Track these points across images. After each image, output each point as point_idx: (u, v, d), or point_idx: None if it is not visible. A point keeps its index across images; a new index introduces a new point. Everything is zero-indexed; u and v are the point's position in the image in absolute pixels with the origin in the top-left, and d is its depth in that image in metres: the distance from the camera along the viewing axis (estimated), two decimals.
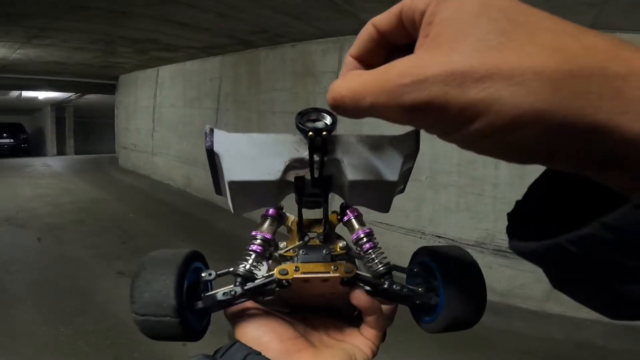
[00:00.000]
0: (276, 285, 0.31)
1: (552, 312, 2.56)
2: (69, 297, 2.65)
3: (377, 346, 0.34)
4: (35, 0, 2.99)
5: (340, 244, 0.33)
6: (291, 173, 0.28)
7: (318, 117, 0.27)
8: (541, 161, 0.15)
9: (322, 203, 0.32)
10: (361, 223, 0.34)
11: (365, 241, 0.33)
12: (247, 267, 0.32)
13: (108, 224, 4.36)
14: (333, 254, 0.32)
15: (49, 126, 13.11)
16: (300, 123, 0.26)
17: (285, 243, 0.34)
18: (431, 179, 3.07)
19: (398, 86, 0.15)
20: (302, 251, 0.32)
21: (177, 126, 6.26)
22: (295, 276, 0.30)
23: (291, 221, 0.35)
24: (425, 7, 0.16)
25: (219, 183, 0.30)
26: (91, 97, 11.06)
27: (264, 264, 0.34)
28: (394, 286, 0.33)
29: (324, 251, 0.32)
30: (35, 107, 13.95)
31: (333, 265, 0.31)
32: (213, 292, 0.32)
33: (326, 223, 0.34)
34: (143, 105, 7.43)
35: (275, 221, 0.34)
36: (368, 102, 0.16)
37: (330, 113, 0.27)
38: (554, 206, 0.18)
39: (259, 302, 0.33)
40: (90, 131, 14.62)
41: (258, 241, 0.33)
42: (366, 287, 0.32)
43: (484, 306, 0.32)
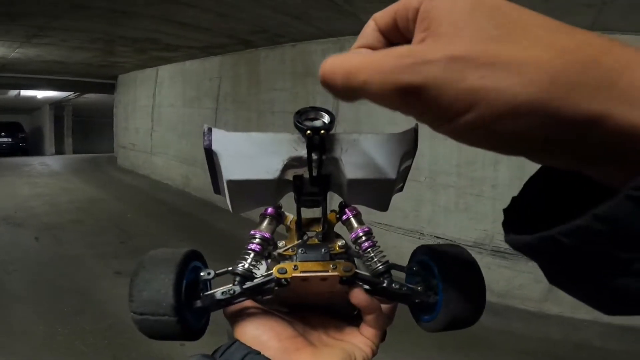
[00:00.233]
0: (275, 284, 0.31)
1: (550, 313, 2.57)
2: (67, 297, 2.64)
3: (377, 345, 0.33)
4: None
5: (339, 243, 0.33)
6: (290, 172, 0.28)
7: (316, 116, 0.27)
8: (534, 154, 0.15)
9: (321, 202, 0.32)
10: (360, 222, 0.34)
11: (364, 240, 0.33)
12: (246, 266, 0.32)
13: (106, 224, 4.35)
14: (332, 253, 0.32)
15: (48, 125, 13.08)
16: (298, 122, 0.26)
17: (284, 242, 0.34)
18: (430, 180, 3.07)
19: (396, 66, 0.15)
20: (301, 250, 0.32)
21: (177, 126, 6.25)
22: (294, 275, 0.30)
23: (290, 220, 0.35)
24: (418, 5, 0.16)
25: (218, 182, 0.30)
26: (90, 97, 11.05)
27: (263, 263, 0.34)
28: (393, 285, 0.32)
29: (323, 250, 0.31)
30: (33, 106, 13.92)
31: (332, 264, 0.31)
32: (212, 291, 0.32)
33: (325, 222, 0.33)
34: (142, 104, 7.42)
35: (274, 220, 0.34)
36: (361, 80, 0.15)
37: (328, 112, 0.27)
38: (549, 202, 0.18)
39: (258, 302, 0.33)
40: (88, 130, 14.58)
41: (257, 240, 0.33)
42: (365, 286, 0.32)
43: (484, 305, 0.32)
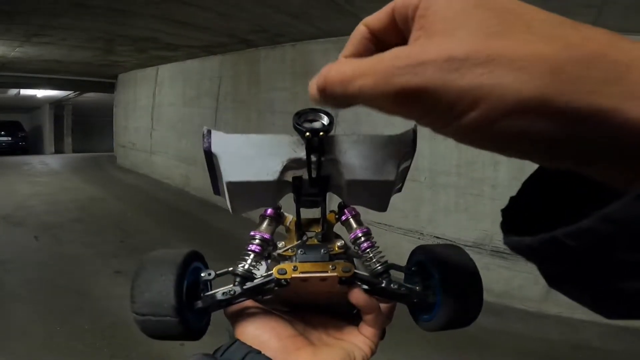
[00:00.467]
0: (275, 284, 0.31)
1: (549, 313, 2.57)
2: (66, 296, 2.64)
3: (376, 344, 0.34)
4: None
5: (338, 243, 0.33)
6: (289, 173, 0.29)
7: (315, 118, 0.27)
8: (538, 154, 0.14)
9: (320, 202, 0.32)
10: (359, 222, 0.34)
11: (363, 240, 0.33)
12: (246, 267, 0.32)
13: (106, 223, 4.35)
14: (331, 253, 0.32)
15: (47, 124, 13.07)
16: (297, 123, 0.26)
17: (283, 243, 0.34)
18: (430, 180, 3.07)
19: (391, 69, 0.14)
20: (301, 251, 0.32)
21: (176, 125, 6.25)
22: (293, 276, 0.30)
23: (289, 221, 0.35)
24: (418, 2, 0.15)
25: (217, 184, 0.30)
26: (90, 96, 11.03)
27: (263, 264, 0.34)
28: (392, 285, 0.33)
29: (322, 250, 0.32)
30: (33, 105, 13.91)
31: (331, 264, 0.31)
32: (212, 292, 0.32)
33: (324, 222, 0.34)
34: (142, 104, 7.41)
35: (273, 221, 0.34)
36: (357, 86, 0.15)
37: (327, 113, 0.27)
38: (547, 203, 0.17)
39: (258, 301, 0.34)
40: (88, 129, 14.56)
41: (257, 241, 0.33)
42: (364, 286, 0.32)
43: (481, 304, 0.33)
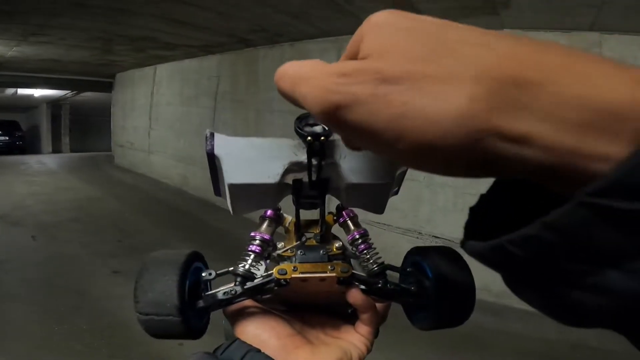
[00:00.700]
0: (275, 284, 0.32)
1: None
2: (64, 296, 2.64)
3: (372, 342, 0.35)
4: None
5: (336, 245, 0.34)
6: (289, 176, 0.29)
7: (316, 122, 0.28)
8: (479, 174, 0.14)
9: (319, 204, 0.33)
10: (356, 224, 0.35)
11: (360, 242, 0.35)
12: (247, 267, 0.33)
13: (103, 223, 4.34)
14: (330, 254, 0.33)
15: (45, 124, 13.04)
16: (298, 127, 0.27)
17: (283, 243, 0.35)
18: (429, 179, 3.08)
19: (327, 83, 0.15)
20: (300, 251, 0.33)
21: (175, 124, 6.24)
22: (293, 276, 0.31)
23: (289, 222, 0.36)
24: (359, 38, 0.16)
25: (219, 185, 0.31)
26: (87, 95, 11.01)
27: (262, 264, 0.35)
28: (388, 285, 0.34)
29: (321, 252, 0.33)
30: (31, 105, 13.86)
31: (330, 265, 0.32)
32: (214, 292, 0.33)
33: (323, 224, 0.34)
34: (140, 103, 7.40)
35: (273, 222, 0.35)
36: (302, 92, 0.16)
37: None
38: (519, 204, 0.16)
39: (257, 300, 0.34)
40: (86, 129, 14.52)
41: (257, 242, 0.34)
42: (361, 286, 0.33)
43: (473, 304, 0.34)
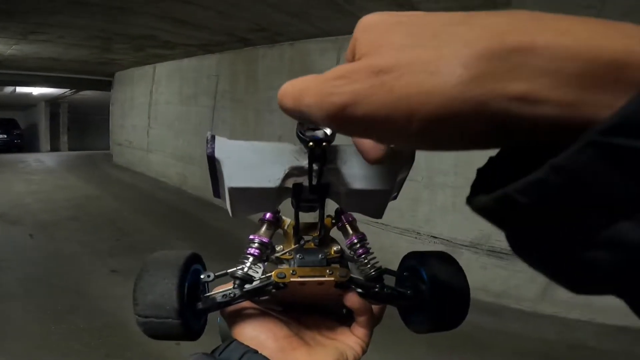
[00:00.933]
0: (273, 287, 0.32)
1: (545, 313, 2.59)
2: (61, 295, 2.63)
3: (367, 344, 0.35)
4: None
5: (334, 248, 0.35)
6: (290, 180, 0.29)
7: (317, 127, 0.28)
8: (492, 144, 0.15)
9: (319, 208, 0.33)
10: (355, 228, 0.36)
11: (358, 247, 0.35)
12: (245, 270, 0.33)
13: (101, 221, 4.33)
14: (328, 258, 0.33)
15: (43, 122, 13.01)
16: (300, 132, 0.27)
17: (281, 246, 0.36)
18: (427, 179, 3.08)
19: (327, 87, 0.15)
20: (299, 255, 0.33)
21: (173, 123, 6.23)
22: (292, 280, 0.31)
23: (287, 224, 0.36)
24: (354, 42, 0.17)
25: (218, 187, 0.31)
26: (86, 94, 10.98)
27: (261, 266, 0.35)
28: (385, 289, 0.34)
29: (320, 255, 0.33)
30: (29, 103, 13.82)
31: (328, 269, 0.32)
32: (213, 294, 0.33)
33: (322, 227, 0.35)
34: (139, 102, 7.39)
35: (272, 225, 0.35)
36: (305, 104, 0.16)
37: None
38: (524, 169, 0.16)
39: (254, 302, 0.35)
40: (84, 127, 14.50)
41: (256, 245, 0.34)
42: (358, 290, 0.33)
43: (468, 308, 0.35)
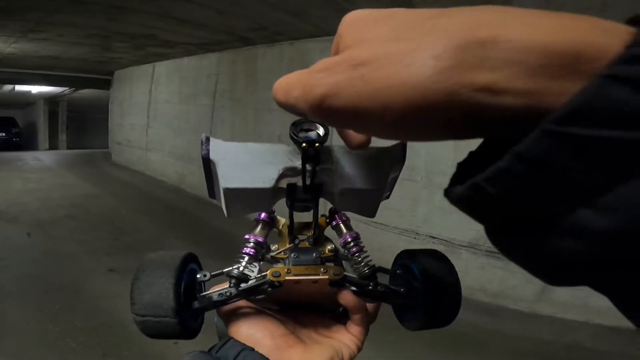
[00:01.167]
0: (268, 286, 0.32)
1: (543, 314, 2.59)
2: (59, 294, 2.63)
3: (362, 342, 0.36)
4: None
5: (328, 247, 0.35)
6: (284, 180, 0.30)
7: (310, 127, 0.28)
8: (467, 134, 0.15)
9: (313, 208, 0.33)
10: (349, 228, 0.36)
11: (352, 245, 0.35)
12: (241, 269, 0.34)
13: (99, 220, 4.32)
14: (322, 256, 0.34)
15: (42, 120, 12.98)
16: (293, 133, 0.28)
17: (276, 245, 0.36)
18: (426, 180, 3.08)
19: (311, 79, 0.16)
20: (294, 254, 0.33)
21: (172, 122, 6.22)
22: (287, 278, 0.32)
23: (282, 224, 0.36)
24: (338, 38, 0.17)
25: (214, 188, 0.32)
26: (85, 92, 10.96)
27: (256, 265, 0.35)
28: (379, 287, 0.35)
29: (314, 254, 0.33)
30: (28, 102, 13.79)
31: (323, 267, 0.32)
32: (209, 293, 0.34)
33: (316, 227, 0.35)
34: (138, 100, 7.38)
35: (267, 225, 0.36)
36: (293, 97, 0.17)
37: (323, 124, 0.28)
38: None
39: (250, 300, 0.35)
40: (83, 126, 14.46)
41: (251, 244, 0.35)
42: (353, 288, 0.34)
43: (459, 306, 0.35)
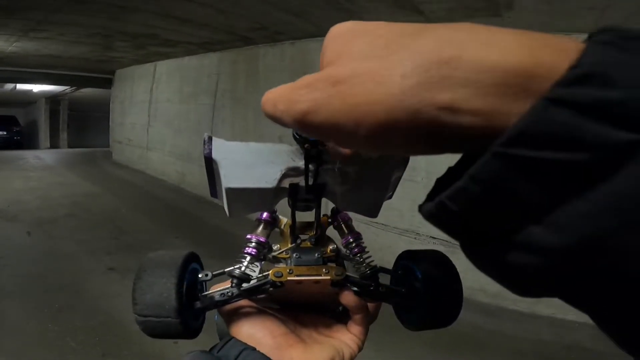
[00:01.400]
0: (270, 285, 0.32)
1: (542, 314, 2.59)
2: (58, 293, 2.63)
3: (363, 342, 0.35)
4: None
5: (330, 247, 0.35)
6: (286, 180, 0.30)
7: None
8: (438, 151, 0.15)
9: (315, 208, 0.33)
10: (350, 228, 0.36)
11: (354, 245, 0.35)
12: (243, 269, 0.34)
13: (100, 219, 4.32)
14: (324, 256, 0.34)
15: (43, 119, 12.98)
16: (296, 134, 0.27)
17: (278, 245, 0.36)
18: (427, 180, 3.08)
19: (293, 94, 0.16)
20: (296, 254, 0.33)
21: (173, 122, 6.22)
22: (289, 278, 0.31)
23: (284, 224, 0.36)
24: (323, 50, 0.18)
25: (215, 187, 0.32)
26: (86, 91, 10.96)
27: (258, 265, 0.35)
28: (380, 287, 0.35)
29: (316, 254, 0.33)
30: (29, 100, 13.79)
31: (324, 268, 0.32)
32: (211, 292, 0.34)
33: (318, 227, 0.35)
34: (139, 100, 7.38)
35: (269, 225, 0.36)
36: (279, 110, 0.17)
37: None
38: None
39: (251, 299, 0.35)
40: (84, 125, 14.47)
41: (253, 244, 0.35)
42: (354, 288, 0.34)
43: (460, 306, 0.35)
